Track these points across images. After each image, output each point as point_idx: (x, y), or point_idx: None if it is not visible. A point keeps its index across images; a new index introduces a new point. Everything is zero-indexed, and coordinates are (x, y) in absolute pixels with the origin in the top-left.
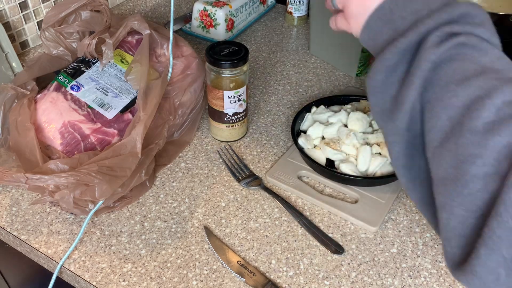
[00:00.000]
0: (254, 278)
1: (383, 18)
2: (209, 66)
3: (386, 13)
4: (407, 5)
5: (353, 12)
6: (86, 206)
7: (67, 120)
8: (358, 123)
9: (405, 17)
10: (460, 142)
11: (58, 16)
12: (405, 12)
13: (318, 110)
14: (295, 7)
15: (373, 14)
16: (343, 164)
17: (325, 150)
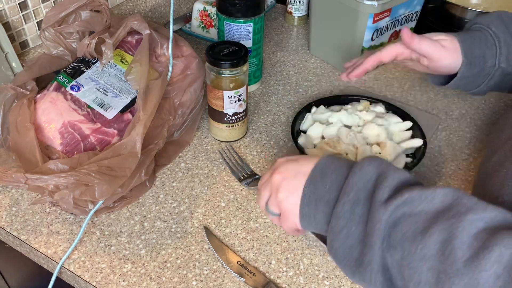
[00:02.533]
0: (254, 278)
1: (312, 200)
2: (209, 66)
3: (311, 195)
4: (325, 180)
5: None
6: (86, 206)
7: (67, 120)
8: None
9: (328, 190)
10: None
11: (58, 16)
12: (326, 185)
13: (318, 110)
14: (295, 7)
15: (302, 203)
16: None
17: (325, 150)
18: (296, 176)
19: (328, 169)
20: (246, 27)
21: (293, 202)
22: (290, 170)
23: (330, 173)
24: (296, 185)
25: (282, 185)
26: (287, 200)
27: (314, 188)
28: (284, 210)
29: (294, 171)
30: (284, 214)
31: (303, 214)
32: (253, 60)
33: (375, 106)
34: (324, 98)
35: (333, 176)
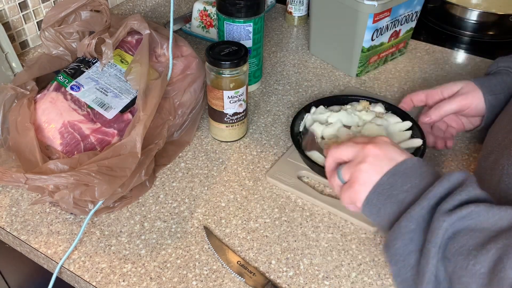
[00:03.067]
0: (254, 278)
1: (384, 193)
2: (209, 66)
3: (386, 188)
4: (405, 181)
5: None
6: (86, 206)
7: (67, 120)
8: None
9: (407, 190)
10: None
11: (58, 16)
12: (406, 186)
13: (318, 110)
14: (295, 7)
15: (373, 189)
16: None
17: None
18: (390, 159)
19: (414, 172)
20: (246, 27)
21: (372, 179)
22: (388, 150)
23: (414, 176)
24: (385, 166)
25: (372, 158)
26: (367, 174)
27: (392, 183)
28: (357, 182)
29: (391, 154)
30: (354, 185)
31: (368, 202)
32: (253, 60)
33: (374, 106)
34: (323, 98)
35: (417, 181)
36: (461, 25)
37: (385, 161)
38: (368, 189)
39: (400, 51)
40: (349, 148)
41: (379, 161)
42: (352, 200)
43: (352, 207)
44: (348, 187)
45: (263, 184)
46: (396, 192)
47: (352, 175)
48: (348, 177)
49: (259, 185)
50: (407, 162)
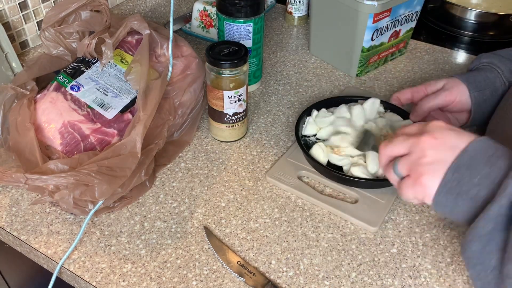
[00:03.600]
0: (254, 278)
1: (453, 192)
2: (209, 66)
3: (453, 186)
4: (473, 173)
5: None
6: (86, 206)
7: (67, 120)
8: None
9: (477, 184)
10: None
11: (58, 16)
12: (475, 179)
13: (320, 113)
14: (295, 7)
15: (440, 189)
16: (354, 167)
17: (331, 157)
18: (451, 147)
19: (480, 159)
20: (246, 27)
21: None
22: (445, 137)
23: (482, 165)
24: (447, 157)
25: (431, 151)
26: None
27: (459, 179)
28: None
29: (450, 141)
30: (417, 182)
31: (438, 203)
32: (253, 60)
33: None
34: (324, 100)
35: (486, 170)
36: (461, 25)
37: (445, 151)
38: (434, 186)
39: (400, 51)
40: (402, 143)
41: (440, 153)
42: (418, 197)
43: (416, 201)
44: (412, 184)
45: (263, 184)
46: (466, 188)
47: (412, 170)
48: (406, 171)
49: (259, 185)
50: (469, 149)
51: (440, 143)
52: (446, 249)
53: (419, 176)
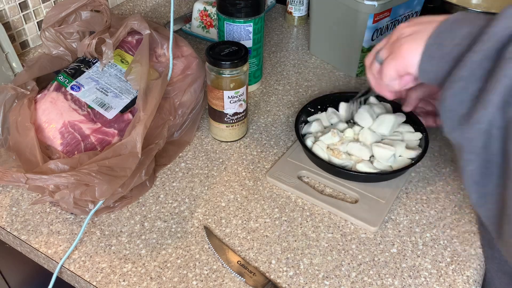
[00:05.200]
0: (254, 278)
1: (435, 56)
2: (209, 66)
3: (435, 50)
4: (455, 34)
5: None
6: (86, 206)
7: (67, 120)
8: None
9: (459, 43)
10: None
11: (58, 16)
12: (457, 39)
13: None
14: (295, 7)
15: (422, 57)
16: (359, 164)
17: (332, 160)
18: (429, 22)
19: (461, 21)
20: (246, 27)
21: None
22: (423, 18)
23: (464, 26)
24: (428, 27)
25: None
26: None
27: (440, 42)
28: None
29: (427, 18)
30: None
31: (422, 71)
32: (253, 60)
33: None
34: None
35: (468, 29)
36: None
37: (423, 24)
38: (416, 53)
39: None
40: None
41: (417, 26)
42: (399, 69)
43: (398, 83)
44: (393, 57)
45: (263, 184)
46: (448, 49)
47: (391, 49)
48: (386, 54)
49: (259, 185)
50: (450, 18)
51: (416, 22)
52: (446, 249)
53: (399, 48)
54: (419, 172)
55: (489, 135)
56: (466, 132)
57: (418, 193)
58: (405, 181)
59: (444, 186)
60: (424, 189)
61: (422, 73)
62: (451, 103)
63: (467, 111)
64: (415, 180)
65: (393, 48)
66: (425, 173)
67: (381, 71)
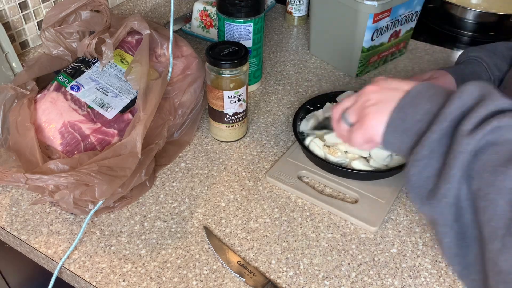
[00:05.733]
0: (254, 278)
1: (398, 129)
2: (209, 66)
3: (398, 124)
4: (416, 109)
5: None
6: (86, 206)
7: (67, 120)
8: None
9: (420, 119)
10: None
11: (58, 16)
12: (418, 115)
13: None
14: (295, 7)
15: (386, 129)
16: (354, 161)
17: (328, 158)
18: (394, 89)
19: (422, 98)
20: (246, 27)
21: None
22: (388, 83)
23: (424, 102)
24: (392, 97)
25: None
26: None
27: (403, 117)
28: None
29: (392, 85)
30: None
31: (386, 142)
32: (253, 60)
33: None
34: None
35: (428, 106)
36: (461, 25)
37: (388, 92)
38: (380, 125)
39: (400, 51)
40: (350, 98)
41: (383, 94)
42: (366, 138)
43: (367, 146)
44: (359, 126)
45: (263, 184)
46: (409, 125)
47: (359, 114)
48: (354, 117)
49: (259, 185)
50: (412, 91)
51: (383, 87)
52: None
53: (365, 117)
54: None
55: (459, 207)
56: (435, 206)
57: None
58: None
59: None
60: None
61: (386, 144)
62: (417, 180)
63: (433, 186)
64: None
65: (360, 115)
66: None
67: (349, 136)
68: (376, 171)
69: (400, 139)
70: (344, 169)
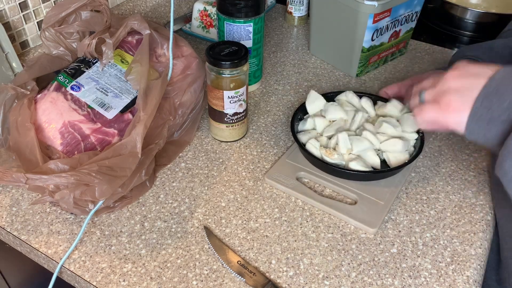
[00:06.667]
0: (254, 278)
1: (484, 119)
2: (209, 66)
3: (483, 113)
4: (502, 98)
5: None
6: (86, 206)
7: (67, 120)
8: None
9: (507, 108)
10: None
11: (58, 16)
12: (505, 103)
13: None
14: (295, 7)
15: (470, 119)
16: (351, 162)
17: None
18: (476, 75)
19: (508, 84)
20: (246, 27)
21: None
22: (469, 68)
23: (510, 90)
24: (474, 84)
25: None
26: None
27: (488, 106)
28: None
29: (473, 70)
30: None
31: (471, 131)
32: (253, 60)
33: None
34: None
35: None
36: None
37: (470, 79)
38: (463, 114)
39: (400, 51)
40: (429, 80)
41: (465, 81)
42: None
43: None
44: (439, 108)
45: (263, 184)
46: (497, 113)
47: (438, 97)
48: (431, 98)
49: (259, 185)
50: (496, 77)
51: (464, 73)
52: (446, 249)
53: (447, 103)
54: (419, 172)
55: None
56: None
57: (418, 193)
58: (405, 181)
59: (444, 186)
60: (424, 189)
61: (469, 134)
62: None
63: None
64: (415, 180)
65: (440, 99)
66: (425, 173)
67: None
68: (375, 171)
69: (487, 128)
70: (342, 170)
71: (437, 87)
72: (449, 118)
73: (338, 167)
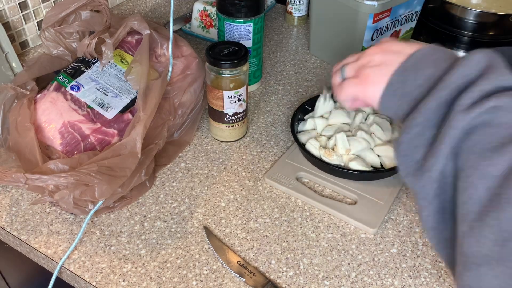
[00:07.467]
0: (254, 278)
1: (397, 93)
2: (209, 66)
3: (398, 87)
4: (418, 73)
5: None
6: (86, 206)
7: (67, 120)
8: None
9: (421, 84)
10: (502, 217)
11: (58, 16)
12: (420, 80)
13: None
14: (295, 7)
15: (385, 92)
16: (351, 162)
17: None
18: (397, 52)
19: (426, 61)
20: (246, 27)
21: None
22: (392, 45)
23: (427, 66)
24: (394, 60)
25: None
26: (377, 69)
27: (404, 80)
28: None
29: (396, 47)
30: (362, 82)
31: (384, 105)
32: (253, 60)
33: None
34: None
35: (430, 70)
36: (461, 25)
37: (392, 55)
38: (379, 88)
39: None
40: (353, 56)
41: (386, 56)
42: (357, 95)
43: (350, 104)
44: (357, 83)
45: (263, 184)
46: (410, 89)
47: (358, 72)
48: (352, 73)
49: (259, 185)
50: (416, 53)
51: (387, 49)
52: None
53: (366, 77)
54: None
55: (443, 183)
56: (418, 179)
57: None
58: None
59: None
60: None
61: (382, 108)
62: (406, 149)
63: (421, 157)
64: None
65: (359, 73)
66: None
67: (340, 87)
68: (375, 171)
69: (398, 103)
70: (342, 170)
71: (358, 62)
72: (367, 92)
73: (338, 167)
